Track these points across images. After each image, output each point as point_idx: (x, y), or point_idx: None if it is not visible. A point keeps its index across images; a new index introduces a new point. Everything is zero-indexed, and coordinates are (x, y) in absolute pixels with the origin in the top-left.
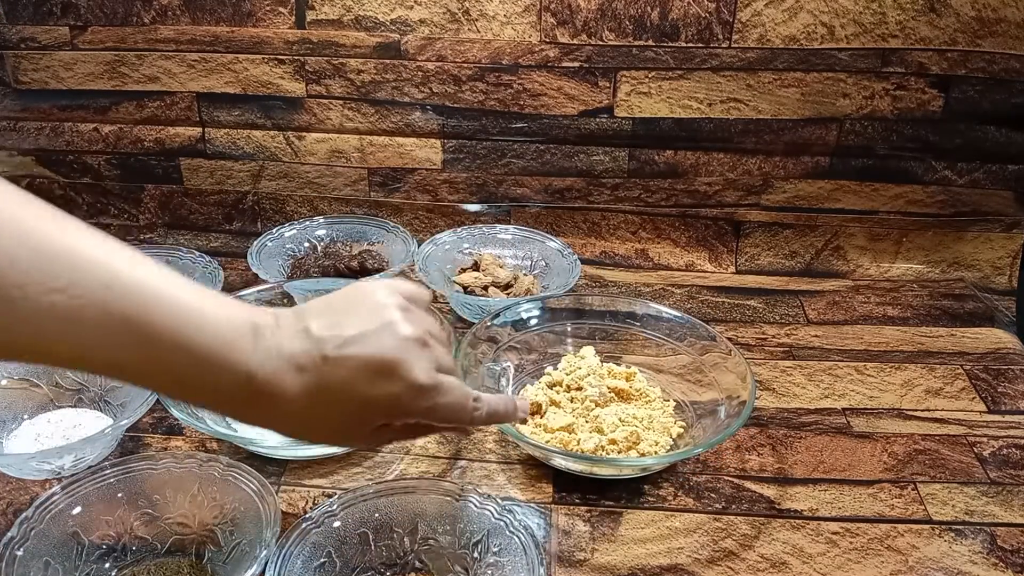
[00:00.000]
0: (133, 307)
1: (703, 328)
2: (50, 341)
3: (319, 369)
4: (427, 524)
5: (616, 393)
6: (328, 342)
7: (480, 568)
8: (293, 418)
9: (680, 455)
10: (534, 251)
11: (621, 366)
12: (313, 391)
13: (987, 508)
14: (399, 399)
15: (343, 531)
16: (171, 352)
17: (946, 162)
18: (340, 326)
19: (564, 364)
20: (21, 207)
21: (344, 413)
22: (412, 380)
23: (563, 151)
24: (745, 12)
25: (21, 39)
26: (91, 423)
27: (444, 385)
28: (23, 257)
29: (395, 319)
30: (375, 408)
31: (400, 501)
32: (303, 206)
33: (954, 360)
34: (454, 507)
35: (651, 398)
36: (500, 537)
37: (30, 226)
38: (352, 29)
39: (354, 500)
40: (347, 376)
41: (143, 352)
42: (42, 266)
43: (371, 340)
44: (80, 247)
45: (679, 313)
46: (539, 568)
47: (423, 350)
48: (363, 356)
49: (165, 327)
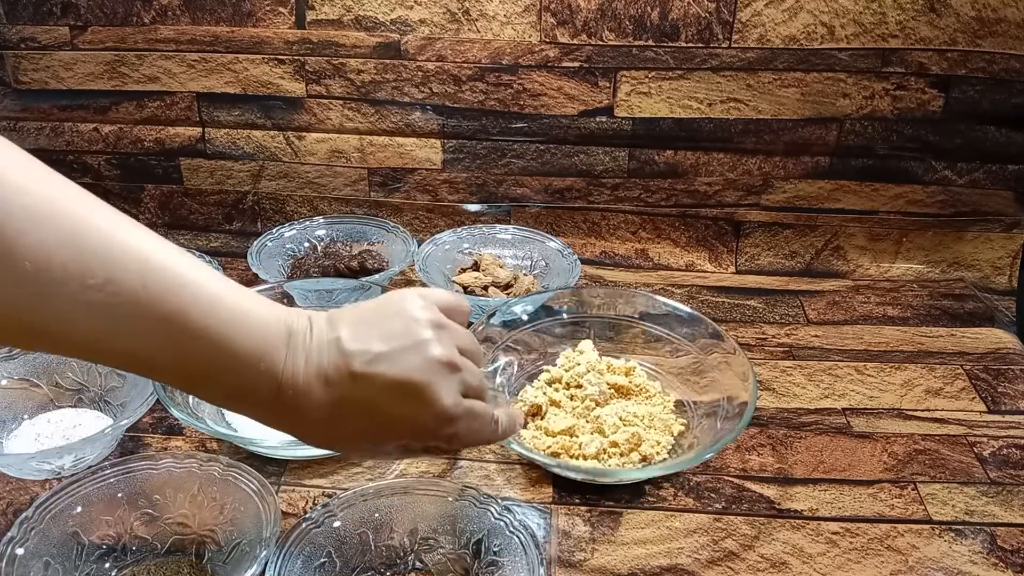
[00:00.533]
0: (170, 306)
1: (710, 325)
2: (83, 334)
3: (346, 384)
4: (427, 524)
5: (616, 389)
6: (357, 356)
7: (480, 568)
8: (316, 428)
9: (683, 464)
10: (534, 251)
11: (620, 360)
12: (338, 404)
13: (987, 508)
14: (424, 424)
15: (343, 531)
16: (205, 354)
17: (946, 162)
18: (371, 339)
19: (562, 360)
20: (58, 193)
21: (367, 429)
22: (438, 407)
23: (563, 151)
24: (745, 12)
25: (21, 39)
26: (91, 423)
27: (469, 411)
28: (60, 252)
29: (426, 338)
30: (398, 429)
31: (400, 501)
32: (303, 206)
33: (954, 360)
34: (454, 507)
35: (651, 393)
36: (500, 537)
37: (66, 216)
38: (352, 29)
39: (354, 500)
40: (373, 394)
41: (177, 351)
42: (79, 261)
43: (400, 359)
44: (117, 240)
45: (687, 308)
46: (539, 568)
47: (452, 374)
48: (390, 376)
49: (201, 329)
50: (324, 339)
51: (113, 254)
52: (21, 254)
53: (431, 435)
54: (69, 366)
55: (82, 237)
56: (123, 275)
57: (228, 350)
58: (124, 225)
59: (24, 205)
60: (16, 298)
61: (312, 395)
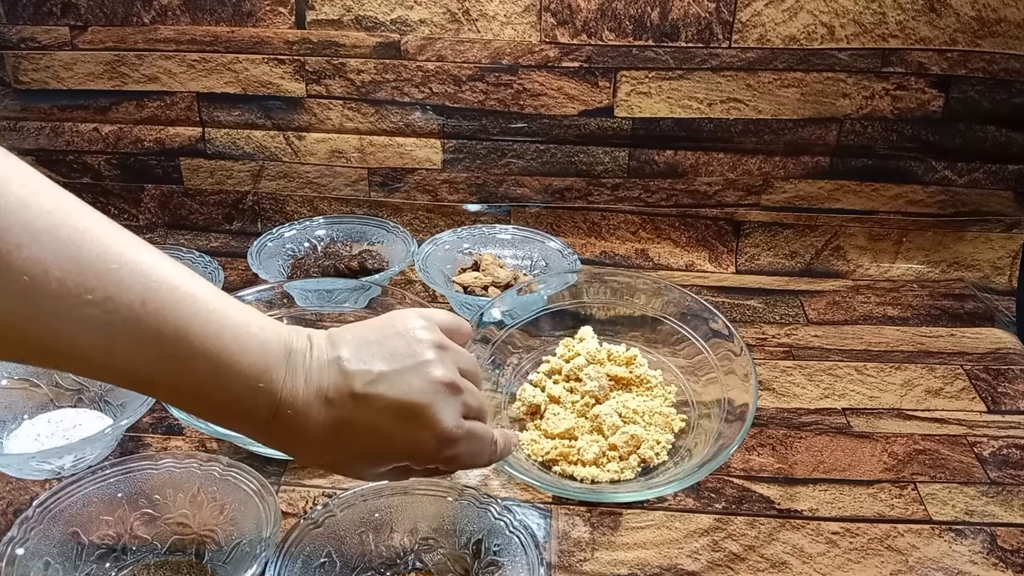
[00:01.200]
0: (169, 323)
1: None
2: (81, 350)
3: (347, 405)
4: (427, 524)
5: (616, 381)
6: (358, 377)
7: (480, 568)
8: (314, 448)
9: (681, 484)
10: (534, 251)
11: (621, 347)
12: (338, 425)
13: (987, 508)
14: (423, 446)
15: (343, 531)
16: (203, 371)
17: (946, 162)
18: (372, 360)
19: (562, 349)
20: (57, 207)
21: (366, 450)
22: (438, 429)
23: (563, 151)
24: (745, 12)
25: (21, 39)
26: (91, 423)
27: (470, 433)
28: (59, 267)
29: (428, 359)
30: (397, 450)
31: (400, 501)
32: (303, 206)
33: (954, 360)
34: (454, 507)
35: (652, 384)
36: (500, 537)
37: (65, 230)
38: (352, 29)
39: (354, 500)
40: (373, 416)
41: (175, 369)
42: (78, 276)
43: (401, 381)
44: (116, 256)
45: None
46: (539, 568)
47: (453, 396)
48: (390, 397)
49: (200, 346)
50: (324, 358)
51: (112, 270)
52: (18, 267)
53: (431, 457)
54: None
55: (81, 252)
56: (122, 291)
57: (226, 368)
58: (124, 240)
59: (23, 219)
60: (13, 312)
61: (311, 415)
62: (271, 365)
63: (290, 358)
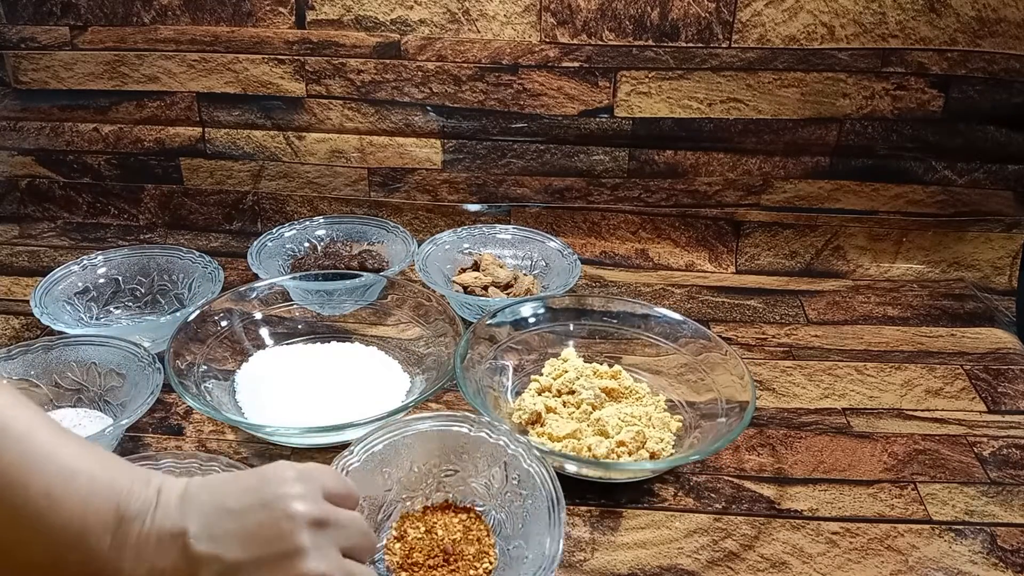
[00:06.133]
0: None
1: (700, 329)
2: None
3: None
4: (444, 456)
5: (607, 393)
6: (203, 567)
7: (503, 496)
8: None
9: (706, 451)
10: (534, 251)
11: (604, 365)
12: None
13: (987, 508)
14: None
15: (363, 473)
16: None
17: (946, 162)
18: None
19: (548, 369)
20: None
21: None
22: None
23: (563, 151)
24: (745, 12)
25: (21, 39)
26: (91, 423)
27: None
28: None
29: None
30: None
31: (415, 440)
32: (303, 206)
33: (954, 360)
34: (469, 439)
35: (640, 394)
36: (518, 469)
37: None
38: (352, 29)
39: (372, 443)
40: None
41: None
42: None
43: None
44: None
45: (677, 315)
46: (558, 504)
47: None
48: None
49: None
50: (167, 529)
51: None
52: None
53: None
54: (69, 366)
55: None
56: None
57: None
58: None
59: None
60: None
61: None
62: (89, 529)
63: (120, 527)
